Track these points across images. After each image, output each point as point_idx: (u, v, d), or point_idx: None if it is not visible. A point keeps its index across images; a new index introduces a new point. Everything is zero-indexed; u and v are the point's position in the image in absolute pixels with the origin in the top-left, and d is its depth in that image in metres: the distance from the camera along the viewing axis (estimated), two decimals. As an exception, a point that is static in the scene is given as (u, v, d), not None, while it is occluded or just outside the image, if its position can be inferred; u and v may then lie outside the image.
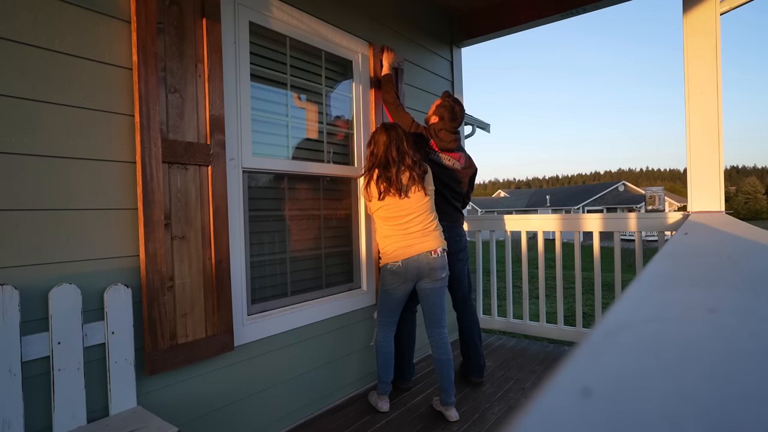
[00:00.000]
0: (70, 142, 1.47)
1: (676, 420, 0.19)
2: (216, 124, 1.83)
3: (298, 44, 2.35)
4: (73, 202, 1.48)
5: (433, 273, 2.22)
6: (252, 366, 2.02)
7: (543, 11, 3.27)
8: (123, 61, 1.61)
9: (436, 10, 3.46)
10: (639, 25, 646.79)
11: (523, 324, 3.45)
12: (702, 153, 2.51)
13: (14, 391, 1.28)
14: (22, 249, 1.37)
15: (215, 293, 1.82)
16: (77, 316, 1.43)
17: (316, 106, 2.50)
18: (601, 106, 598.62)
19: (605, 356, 0.27)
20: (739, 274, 0.61)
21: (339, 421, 2.28)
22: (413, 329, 2.63)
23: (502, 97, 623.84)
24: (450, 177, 2.58)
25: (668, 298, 0.46)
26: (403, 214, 2.21)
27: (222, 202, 1.85)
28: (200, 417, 1.81)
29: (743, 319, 0.36)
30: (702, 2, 2.48)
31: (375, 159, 2.25)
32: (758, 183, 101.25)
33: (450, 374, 2.26)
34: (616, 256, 3.11)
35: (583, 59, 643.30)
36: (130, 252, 1.61)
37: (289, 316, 2.21)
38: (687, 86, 2.56)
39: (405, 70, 3.02)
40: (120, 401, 1.52)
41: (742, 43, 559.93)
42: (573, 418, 0.20)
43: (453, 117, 2.56)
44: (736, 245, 1.04)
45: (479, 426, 2.20)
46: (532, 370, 2.90)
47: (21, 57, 1.37)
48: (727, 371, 0.25)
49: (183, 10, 1.74)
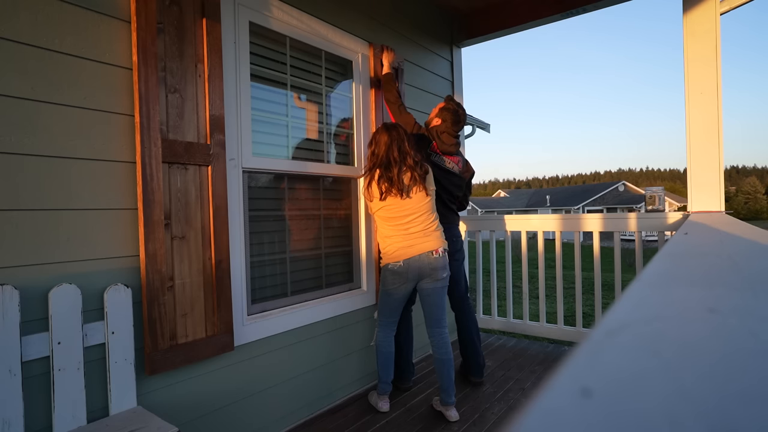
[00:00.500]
0: (70, 142, 1.47)
1: (676, 419, 0.19)
2: (216, 124, 1.83)
3: (298, 44, 2.35)
4: (73, 202, 1.48)
5: (434, 273, 2.23)
6: (252, 366, 2.03)
7: (543, 11, 3.27)
8: (123, 61, 1.61)
9: (436, 10, 3.46)
10: (639, 24, 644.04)
11: (523, 324, 3.45)
12: (702, 153, 2.51)
13: (14, 391, 1.28)
14: (23, 249, 1.37)
15: (215, 293, 1.82)
16: (77, 316, 1.43)
17: (316, 106, 2.50)
18: (602, 105, 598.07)
19: (605, 356, 0.27)
20: (738, 273, 0.61)
21: (339, 421, 2.28)
22: (410, 329, 2.64)
23: (502, 97, 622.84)
24: (448, 180, 2.59)
25: (668, 298, 0.46)
26: (404, 215, 2.21)
27: (222, 202, 1.85)
28: (200, 417, 1.81)
29: (743, 319, 0.36)
30: (702, 2, 2.48)
31: (376, 159, 2.24)
32: (758, 183, 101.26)
33: (450, 374, 2.26)
34: (616, 256, 3.11)
35: (584, 58, 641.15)
36: (130, 252, 1.61)
37: (289, 316, 2.21)
38: (687, 86, 2.56)
39: (405, 70, 3.02)
40: (120, 401, 1.52)
41: (743, 42, 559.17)
42: (573, 417, 0.20)
43: (456, 120, 2.57)
44: (735, 245, 1.04)
45: (479, 426, 2.20)
46: (532, 370, 2.90)
47: (21, 57, 1.37)
48: (727, 371, 0.25)
49: (183, 10, 1.74)
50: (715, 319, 0.36)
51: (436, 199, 2.52)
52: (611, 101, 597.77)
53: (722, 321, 0.36)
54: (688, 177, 2.57)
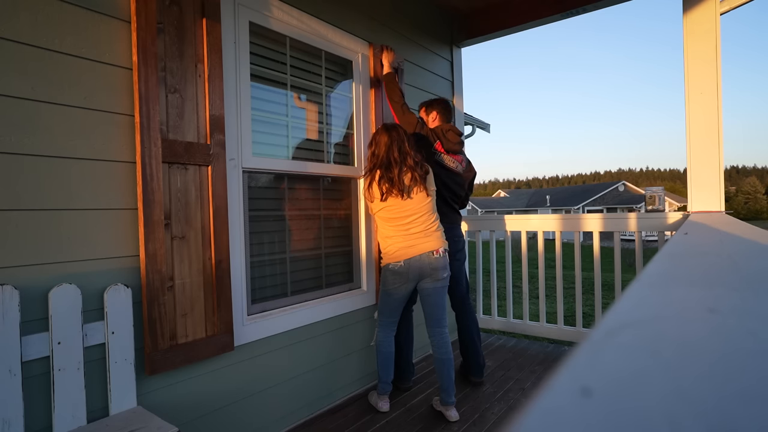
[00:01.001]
0: (71, 142, 1.47)
1: (675, 419, 0.19)
2: (216, 124, 1.83)
3: (298, 44, 2.35)
4: (73, 202, 1.48)
5: (435, 273, 2.23)
6: (252, 366, 2.03)
7: (543, 11, 3.27)
8: (123, 61, 1.61)
9: (436, 10, 3.46)
10: (639, 23, 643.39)
11: (523, 324, 3.45)
12: (702, 153, 2.51)
13: (14, 391, 1.28)
14: (23, 249, 1.37)
15: (215, 293, 1.82)
16: (77, 316, 1.43)
17: (316, 106, 2.50)
18: (604, 104, 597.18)
19: (605, 356, 0.27)
20: (738, 273, 0.61)
21: (339, 421, 2.28)
22: (411, 329, 2.64)
23: (502, 97, 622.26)
24: (451, 179, 2.60)
25: (668, 298, 0.46)
26: (405, 215, 2.21)
27: (222, 202, 1.85)
28: (201, 417, 1.81)
29: (742, 319, 0.36)
30: (702, 2, 2.48)
31: (376, 160, 2.24)
32: (758, 183, 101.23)
33: (450, 374, 2.26)
34: (616, 256, 3.11)
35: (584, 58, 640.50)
36: (130, 252, 1.61)
37: (289, 316, 2.21)
38: (687, 86, 2.56)
39: (405, 70, 3.02)
40: (120, 401, 1.52)
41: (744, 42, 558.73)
42: (573, 417, 0.20)
43: (446, 107, 2.72)
44: (735, 245, 1.04)
45: (479, 426, 2.20)
46: (532, 370, 2.90)
47: (21, 57, 1.37)
48: (726, 370, 0.25)
49: (183, 10, 1.74)
50: (714, 319, 0.36)
51: (439, 199, 2.52)
52: (612, 100, 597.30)
53: (722, 321, 0.36)
54: (688, 177, 2.57)
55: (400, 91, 2.62)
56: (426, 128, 2.60)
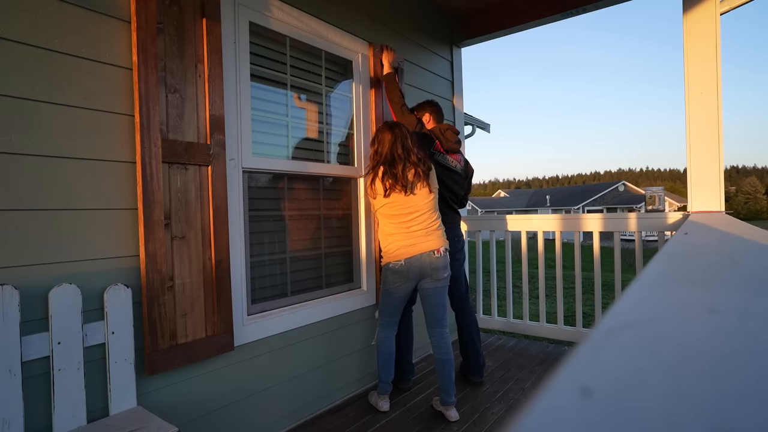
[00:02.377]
0: (71, 142, 1.47)
1: (675, 418, 0.19)
2: (216, 124, 1.83)
3: (298, 44, 2.35)
4: (73, 202, 1.48)
5: (435, 273, 2.23)
6: (252, 366, 2.03)
7: (543, 11, 3.27)
8: (123, 61, 1.61)
9: (435, 10, 3.46)
10: (639, 23, 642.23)
11: (523, 324, 3.45)
12: (702, 153, 2.51)
13: (14, 391, 1.28)
14: (23, 249, 1.37)
15: (215, 293, 1.82)
16: (77, 316, 1.43)
17: (316, 106, 2.50)
18: (604, 104, 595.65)
19: (605, 356, 0.27)
20: (738, 273, 0.61)
21: (339, 420, 2.28)
22: (411, 328, 2.64)
23: (502, 97, 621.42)
24: (451, 179, 2.61)
25: (668, 298, 0.46)
26: (407, 212, 2.21)
27: (222, 202, 1.85)
28: (201, 417, 1.81)
29: (742, 319, 0.36)
30: (702, 2, 2.48)
31: (380, 157, 2.24)
32: (758, 183, 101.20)
33: (451, 374, 2.26)
34: (616, 256, 3.11)
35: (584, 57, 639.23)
36: (130, 252, 1.61)
37: (289, 316, 2.21)
38: (687, 86, 2.56)
39: (405, 70, 3.02)
40: (120, 401, 1.52)
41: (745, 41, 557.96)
42: (573, 417, 0.20)
43: (438, 109, 2.77)
44: (735, 245, 1.04)
45: (479, 426, 2.20)
46: (532, 370, 2.90)
47: (21, 57, 1.37)
48: (726, 370, 0.25)
49: (183, 10, 1.74)
50: (714, 319, 0.36)
51: (440, 199, 2.52)
52: (612, 100, 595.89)
53: (721, 320, 0.36)
54: (688, 177, 2.57)
55: (400, 92, 2.62)
56: (425, 129, 2.61)
